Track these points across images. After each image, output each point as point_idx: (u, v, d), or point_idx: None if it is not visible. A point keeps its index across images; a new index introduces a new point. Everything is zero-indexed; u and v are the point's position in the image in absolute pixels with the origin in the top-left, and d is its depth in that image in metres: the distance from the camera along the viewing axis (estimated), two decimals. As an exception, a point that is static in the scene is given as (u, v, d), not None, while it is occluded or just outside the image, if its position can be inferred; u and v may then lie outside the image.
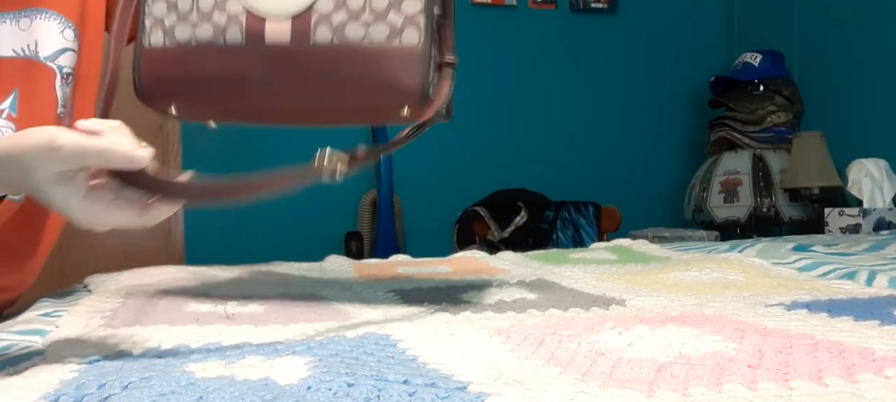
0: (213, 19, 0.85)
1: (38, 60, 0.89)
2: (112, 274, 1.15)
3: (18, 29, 0.88)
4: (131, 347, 0.60)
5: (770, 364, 0.52)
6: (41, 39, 0.90)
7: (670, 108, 3.47)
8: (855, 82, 2.88)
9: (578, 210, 2.84)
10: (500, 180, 3.08)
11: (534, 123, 3.29)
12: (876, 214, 2.45)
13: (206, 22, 0.85)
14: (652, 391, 0.46)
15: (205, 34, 0.85)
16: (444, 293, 0.91)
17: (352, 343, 0.60)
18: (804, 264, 1.10)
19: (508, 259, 1.32)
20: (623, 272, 1.10)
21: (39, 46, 0.90)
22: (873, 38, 2.80)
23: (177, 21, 0.87)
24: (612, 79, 3.39)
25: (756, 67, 3.03)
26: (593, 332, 0.63)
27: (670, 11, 3.46)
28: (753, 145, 2.99)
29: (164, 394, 0.46)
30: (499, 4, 3.24)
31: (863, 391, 0.46)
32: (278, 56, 0.83)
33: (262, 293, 0.93)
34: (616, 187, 3.31)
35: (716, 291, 0.90)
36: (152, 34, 0.87)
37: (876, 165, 2.55)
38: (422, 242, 2.99)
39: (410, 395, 0.46)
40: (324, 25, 0.83)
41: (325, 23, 0.83)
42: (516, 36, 3.27)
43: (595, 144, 3.36)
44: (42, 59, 0.90)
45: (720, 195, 2.98)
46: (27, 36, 0.89)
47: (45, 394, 0.47)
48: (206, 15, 0.86)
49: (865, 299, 0.81)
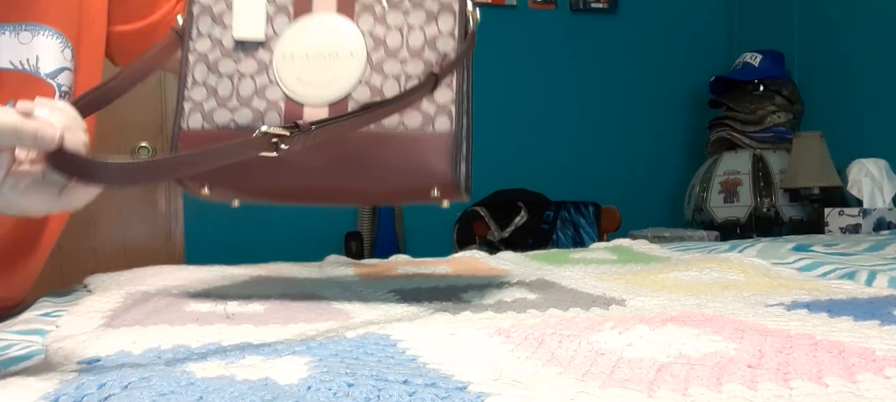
0: (253, 105, 0.88)
1: (38, 76, 0.90)
2: (112, 274, 1.15)
3: (18, 42, 0.88)
4: (131, 347, 0.60)
5: (770, 364, 0.52)
6: (43, 56, 0.90)
7: (670, 108, 3.47)
8: (855, 82, 2.88)
9: (578, 210, 2.84)
10: (500, 180, 3.08)
11: (534, 123, 3.29)
12: (876, 214, 2.45)
13: (246, 107, 0.89)
14: (652, 391, 0.46)
15: (244, 119, 0.89)
16: (444, 293, 0.91)
17: (352, 343, 0.60)
18: (804, 264, 1.10)
19: (508, 259, 1.32)
20: (623, 272, 1.10)
21: (40, 62, 0.90)
22: (873, 38, 2.80)
23: (216, 106, 0.90)
24: (612, 79, 3.39)
25: (756, 67, 3.03)
26: (593, 332, 0.63)
27: (670, 11, 3.46)
28: (753, 145, 2.99)
29: (164, 394, 0.46)
30: (499, 4, 3.24)
31: (863, 391, 0.46)
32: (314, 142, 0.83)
33: (262, 293, 0.93)
34: (616, 187, 3.31)
35: (716, 291, 0.90)
36: (191, 117, 0.91)
37: (876, 165, 2.55)
38: (422, 242, 2.99)
39: (410, 395, 0.46)
40: None
41: None
42: (516, 36, 3.27)
43: (595, 144, 3.36)
44: (43, 75, 0.90)
45: (720, 195, 2.98)
46: (27, 50, 0.89)
47: (45, 394, 0.47)
48: (245, 100, 0.89)
49: (865, 299, 0.81)
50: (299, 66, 0.89)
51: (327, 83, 0.87)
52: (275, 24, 0.91)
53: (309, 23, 0.90)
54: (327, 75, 0.87)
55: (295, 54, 0.89)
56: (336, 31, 0.89)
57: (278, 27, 0.90)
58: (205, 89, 0.91)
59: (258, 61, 0.90)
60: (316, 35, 0.89)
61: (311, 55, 0.89)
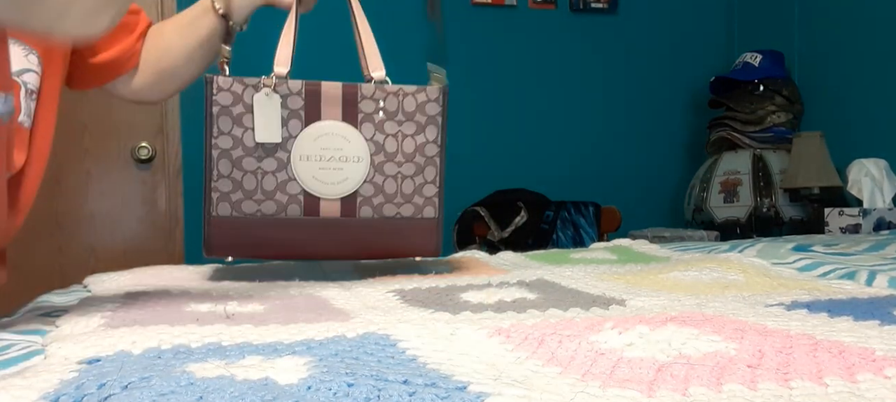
0: (276, 198, 1.08)
1: None
2: (112, 274, 1.15)
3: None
4: (131, 347, 0.60)
5: (770, 364, 0.52)
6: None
7: (670, 108, 3.47)
8: (855, 82, 2.88)
9: (578, 210, 2.84)
10: (500, 180, 3.08)
11: (534, 123, 3.29)
12: (876, 214, 2.45)
13: (270, 200, 1.08)
14: (652, 391, 0.46)
15: (269, 209, 1.08)
16: (444, 293, 0.91)
17: (352, 343, 0.60)
18: (804, 264, 1.10)
19: (508, 259, 1.32)
20: (623, 272, 1.10)
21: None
22: (873, 38, 2.80)
23: (243, 197, 1.08)
24: (612, 79, 3.39)
25: (756, 67, 3.03)
26: (593, 332, 0.63)
27: (670, 11, 3.46)
28: (753, 145, 2.99)
29: (164, 394, 0.46)
30: (499, 4, 3.24)
31: (863, 391, 0.46)
32: (329, 226, 1.09)
33: (262, 293, 0.93)
34: (616, 187, 3.31)
35: (716, 291, 0.90)
36: (220, 206, 1.08)
37: (876, 165, 2.55)
38: (422, 242, 2.99)
39: (410, 395, 0.46)
40: (366, 205, 1.10)
41: (368, 203, 1.10)
42: (516, 36, 3.27)
43: (595, 144, 3.36)
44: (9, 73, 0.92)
45: (720, 195, 2.97)
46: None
47: (45, 394, 0.47)
48: (269, 194, 1.08)
49: (865, 299, 0.81)
50: (315, 166, 1.08)
51: (339, 182, 1.09)
52: (289, 126, 1.08)
53: (320, 129, 1.09)
54: (339, 175, 1.09)
55: (310, 157, 1.08)
56: (344, 138, 1.09)
57: (292, 130, 1.08)
58: (231, 182, 1.08)
59: (277, 160, 1.08)
60: (328, 141, 1.09)
61: (325, 158, 1.09)
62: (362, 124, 1.10)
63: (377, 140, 1.10)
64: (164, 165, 2.74)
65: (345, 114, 1.09)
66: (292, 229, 1.08)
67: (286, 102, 1.09)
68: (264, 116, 1.07)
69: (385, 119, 1.10)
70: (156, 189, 2.75)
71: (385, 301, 0.87)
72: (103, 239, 2.68)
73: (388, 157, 1.10)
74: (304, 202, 1.08)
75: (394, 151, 1.10)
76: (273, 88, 1.07)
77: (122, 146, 2.70)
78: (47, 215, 2.59)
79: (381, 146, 1.10)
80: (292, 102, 1.09)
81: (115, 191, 2.69)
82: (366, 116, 1.10)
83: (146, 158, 2.70)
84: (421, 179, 1.11)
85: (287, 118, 1.09)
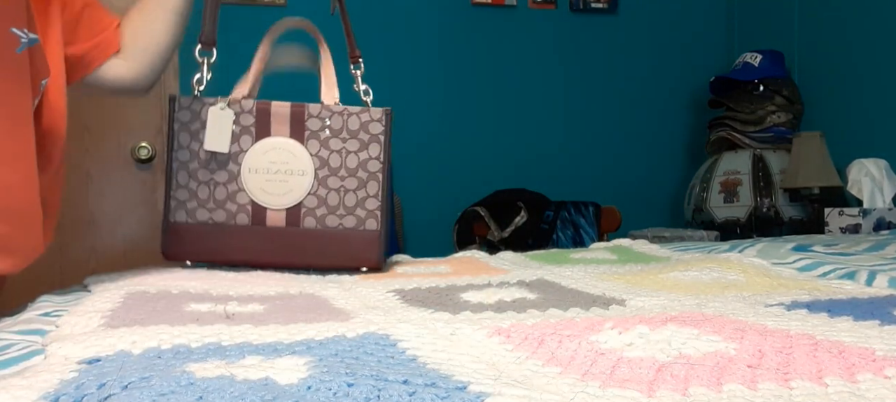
0: (227, 207, 1.18)
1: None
2: (112, 274, 1.15)
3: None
4: (131, 347, 0.60)
5: (770, 364, 0.52)
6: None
7: (670, 108, 3.47)
8: (855, 82, 2.88)
9: (578, 210, 2.84)
10: (500, 180, 3.08)
11: (534, 123, 3.29)
12: (876, 214, 2.45)
13: (221, 208, 1.18)
14: (652, 391, 0.46)
15: (220, 217, 1.18)
16: (444, 293, 0.91)
17: (352, 343, 0.60)
18: (804, 264, 1.10)
19: (508, 259, 1.32)
20: (623, 272, 1.10)
21: None
22: (873, 38, 2.80)
23: (197, 206, 1.18)
24: (612, 79, 3.39)
25: (756, 67, 3.03)
26: (593, 332, 0.63)
27: (670, 11, 3.46)
28: (753, 145, 2.99)
29: (164, 394, 0.46)
30: (499, 4, 3.24)
31: (863, 391, 0.46)
32: (275, 235, 1.18)
33: (262, 293, 0.93)
34: (616, 187, 3.31)
35: (716, 291, 0.90)
36: (176, 213, 1.18)
37: (876, 165, 2.55)
38: (422, 242, 2.99)
39: (410, 395, 0.46)
40: (310, 216, 1.18)
41: (311, 214, 1.18)
42: (516, 36, 3.27)
43: (595, 144, 3.36)
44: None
45: (720, 195, 2.97)
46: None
47: (45, 394, 0.47)
48: (220, 203, 1.18)
49: (865, 299, 0.81)
50: (262, 178, 1.17)
51: (285, 193, 1.17)
52: (241, 142, 1.18)
53: (268, 144, 1.18)
54: (284, 187, 1.17)
55: (259, 169, 1.17)
56: (291, 153, 1.18)
57: (243, 144, 1.18)
58: (187, 192, 1.18)
59: (229, 172, 1.17)
60: (275, 155, 1.18)
61: (272, 171, 1.17)
62: (308, 141, 1.18)
63: (322, 155, 1.18)
64: (164, 166, 2.75)
65: (292, 131, 1.18)
66: (241, 236, 1.17)
67: (239, 120, 1.18)
68: (215, 128, 1.16)
69: (330, 136, 1.19)
70: (156, 189, 2.75)
71: (385, 301, 0.87)
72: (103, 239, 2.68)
73: (332, 171, 1.18)
74: (252, 212, 1.17)
75: (338, 166, 1.18)
76: (227, 104, 1.18)
77: (122, 146, 2.70)
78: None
79: (325, 161, 1.18)
80: (244, 119, 1.18)
81: (115, 191, 2.69)
82: (312, 134, 1.18)
83: (146, 158, 2.70)
84: (364, 193, 1.19)
85: (239, 134, 1.18)
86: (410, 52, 3.13)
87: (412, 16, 3.11)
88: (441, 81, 3.16)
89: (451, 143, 3.14)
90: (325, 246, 1.17)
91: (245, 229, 1.17)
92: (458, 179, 3.15)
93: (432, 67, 3.15)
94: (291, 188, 1.17)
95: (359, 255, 1.18)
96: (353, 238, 1.18)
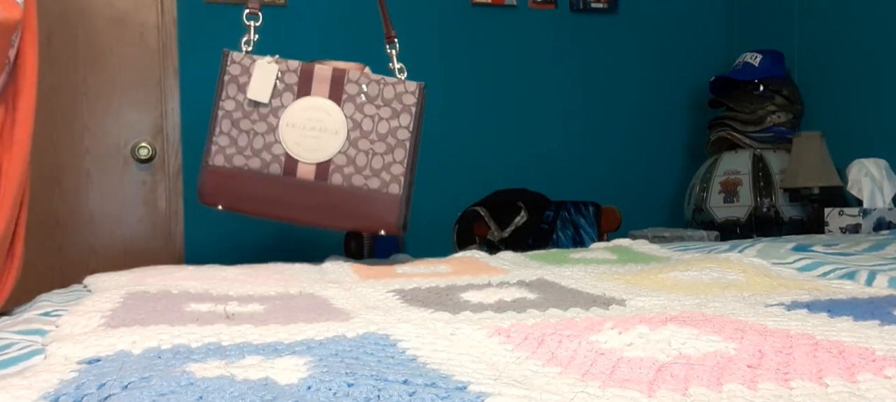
0: (262, 156, 1.27)
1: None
2: (112, 274, 1.15)
3: None
4: (131, 347, 0.60)
5: (770, 364, 0.52)
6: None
7: (670, 108, 3.47)
8: (855, 82, 2.88)
9: (578, 210, 2.84)
10: (500, 180, 3.08)
11: (534, 123, 3.29)
12: (876, 214, 2.45)
13: (257, 157, 1.27)
14: (652, 391, 0.46)
15: (254, 165, 1.27)
16: (444, 293, 0.91)
17: (352, 343, 0.60)
18: (804, 264, 1.10)
19: (508, 259, 1.32)
20: (623, 272, 1.10)
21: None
22: (873, 39, 2.80)
23: (235, 152, 1.27)
24: (612, 79, 3.39)
25: (756, 67, 3.03)
26: (593, 332, 0.63)
27: (670, 11, 3.46)
28: (753, 145, 2.99)
29: (164, 394, 0.46)
30: (499, 4, 3.24)
31: (863, 391, 0.46)
32: (304, 187, 1.27)
33: (262, 293, 0.93)
34: (616, 187, 3.31)
35: (716, 291, 0.90)
36: (216, 157, 1.28)
37: (876, 165, 2.54)
38: (422, 242, 2.99)
39: (410, 395, 0.46)
40: (338, 173, 1.28)
41: (339, 171, 1.28)
42: (516, 36, 3.26)
43: (595, 144, 3.36)
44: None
45: (720, 195, 2.97)
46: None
47: (45, 394, 0.47)
48: (257, 152, 1.28)
49: (865, 299, 0.81)
50: (298, 133, 1.27)
51: (317, 149, 1.27)
52: (283, 98, 1.28)
53: (307, 103, 1.28)
54: (317, 143, 1.27)
55: (295, 124, 1.27)
56: (327, 113, 1.28)
57: (285, 100, 1.28)
58: (228, 138, 1.28)
59: (268, 124, 1.27)
60: (313, 113, 1.28)
61: (307, 128, 1.27)
62: (345, 103, 1.28)
63: (356, 118, 1.28)
64: (164, 165, 2.74)
65: (331, 92, 1.28)
66: (272, 185, 1.26)
67: (283, 77, 1.28)
68: (259, 80, 1.26)
69: (365, 101, 1.29)
70: (156, 189, 2.75)
71: (385, 301, 0.87)
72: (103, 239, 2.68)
73: (364, 134, 1.28)
74: (285, 163, 1.27)
75: (369, 130, 1.28)
76: (275, 61, 1.28)
77: (122, 146, 2.70)
78: (47, 215, 2.59)
79: (358, 124, 1.28)
80: (288, 77, 1.28)
81: (115, 191, 2.69)
82: (349, 97, 1.29)
83: (146, 158, 2.70)
84: (390, 158, 1.28)
85: (282, 90, 1.28)
86: (410, 52, 3.12)
87: (412, 16, 3.11)
88: (441, 81, 3.15)
89: (450, 143, 3.14)
90: (348, 203, 1.27)
91: (276, 179, 1.26)
92: (458, 179, 3.15)
93: (432, 67, 3.15)
94: (324, 145, 1.26)
95: (380, 216, 1.28)
96: (375, 199, 1.27)
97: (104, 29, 2.66)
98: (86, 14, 2.64)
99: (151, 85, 2.70)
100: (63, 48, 2.61)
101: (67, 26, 2.62)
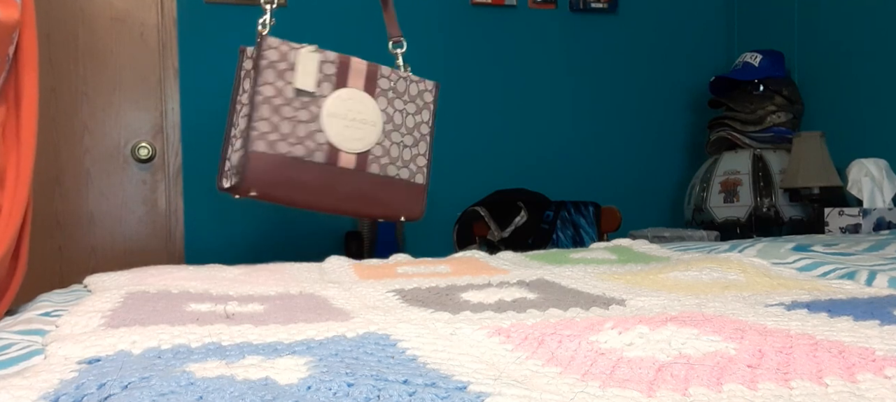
0: (306, 143, 1.32)
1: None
2: (112, 274, 1.15)
3: None
4: (131, 347, 0.60)
5: (770, 364, 0.52)
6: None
7: (670, 108, 3.47)
8: (855, 82, 2.88)
9: (578, 210, 2.84)
10: (500, 180, 3.08)
11: (534, 123, 3.29)
12: (876, 214, 2.45)
13: (301, 144, 1.31)
14: (652, 391, 0.46)
15: (298, 152, 1.31)
16: (444, 293, 0.91)
17: (352, 343, 0.60)
18: (804, 264, 1.10)
19: (508, 259, 1.32)
20: (623, 272, 1.10)
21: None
22: (873, 39, 2.80)
23: (278, 139, 1.30)
24: (612, 79, 3.39)
25: (756, 67, 3.03)
26: (593, 332, 0.63)
27: (670, 11, 3.46)
28: (753, 145, 2.99)
29: (164, 394, 0.46)
30: (499, 4, 3.24)
31: (863, 391, 0.46)
32: (344, 175, 1.34)
33: (262, 293, 0.93)
34: (616, 187, 3.31)
35: (716, 291, 0.90)
36: (257, 143, 1.28)
37: (876, 165, 2.54)
38: (422, 242, 2.99)
39: (410, 395, 0.46)
40: (375, 163, 1.38)
41: (376, 162, 1.38)
42: (516, 36, 3.26)
43: (595, 144, 3.36)
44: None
45: (720, 195, 2.97)
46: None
47: (45, 394, 0.47)
48: (300, 139, 1.31)
49: (865, 299, 0.81)
50: (341, 123, 1.33)
51: (358, 139, 1.35)
52: (322, 87, 1.34)
53: (346, 94, 1.35)
54: (358, 134, 1.35)
55: (338, 114, 1.34)
56: (365, 105, 1.36)
57: (324, 90, 1.34)
58: (269, 125, 1.30)
59: (310, 112, 1.32)
60: (353, 104, 1.35)
61: (349, 118, 1.34)
62: (378, 97, 1.37)
63: (388, 112, 1.37)
64: (164, 165, 2.74)
65: (366, 85, 1.36)
66: (314, 172, 1.31)
67: (322, 68, 1.33)
68: (304, 68, 1.31)
69: (395, 97, 1.38)
70: (156, 189, 2.75)
71: (385, 301, 0.87)
72: (103, 239, 2.68)
73: (395, 127, 1.38)
74: (328, 151, 1.33)
75: (400, 124, 1.40)
76: (316, 50, 1.32)
77: (122, 146, 2.70)
78: (47, 215, 2.59)
79: (390, 117, 1.38)
80: (326, 68, 1.34)
81: (115, 191, 2.69)
82: (382, 91, 1.38)
83: (146, 158, 2.70)
84: (415, 151, 1.40)
85: (321, 80, 1.33)
86: (410, 52, 3.12)
87: (412, 16, 3.11)
88: (441, 81, 3.16)
89: (450, 143, 3.14)
90: (382, 191, 1.36)
91: (319, 167, 1.32)
92: (458, 179, 3.15)
93: (432, 67, 3.14)
94: (364, 135, 1.34)
95: (407, 204, 1.40)
96: (405, 188, 1.39)
97: (104, 29, 2.66)
98: (86, 14, 2.64)
99: (151, 85, 2.70)
100: (63, 48, 2.61)
101: (67, 26, 2.62)
